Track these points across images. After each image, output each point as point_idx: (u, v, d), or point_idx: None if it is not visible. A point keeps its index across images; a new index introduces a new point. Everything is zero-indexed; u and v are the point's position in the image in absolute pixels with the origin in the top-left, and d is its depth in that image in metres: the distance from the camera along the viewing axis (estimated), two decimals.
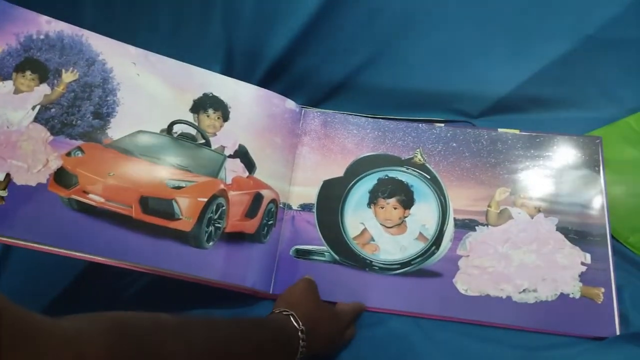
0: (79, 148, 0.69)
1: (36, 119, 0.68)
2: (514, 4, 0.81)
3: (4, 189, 0.64)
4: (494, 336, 0.68)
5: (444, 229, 0.76)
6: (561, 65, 0.84)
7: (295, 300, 0.63)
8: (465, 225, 0.76)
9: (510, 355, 0.66)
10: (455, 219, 0.76)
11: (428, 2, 0.82)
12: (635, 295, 0.70)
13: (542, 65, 0.85)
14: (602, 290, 0.69)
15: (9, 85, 0.68)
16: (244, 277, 0.71)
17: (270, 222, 0.77)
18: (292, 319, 0.58)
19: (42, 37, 0.70)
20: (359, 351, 0.68)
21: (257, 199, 0.76)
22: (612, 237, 0.74)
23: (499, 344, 0.67)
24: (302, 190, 0.81)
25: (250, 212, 0.75)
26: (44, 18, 0.71)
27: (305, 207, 0.79)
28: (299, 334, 0.57)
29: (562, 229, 0.74)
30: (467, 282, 0.72)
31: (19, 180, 0.65)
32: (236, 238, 0.73)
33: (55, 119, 0.69)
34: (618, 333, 0.67)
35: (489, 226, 0.75)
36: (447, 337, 0.69)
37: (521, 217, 0.74)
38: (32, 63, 0.69)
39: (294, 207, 0.79)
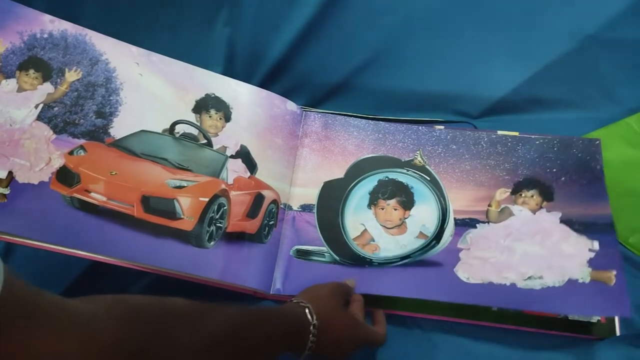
0: (82, 147, 0.69)
1: (39, 118, 0.68)
2: (514, 5, 0.81)
3: (6, 187, 0.64)
4: (494, 336, 0.68)
5: (444, 226, 0.76)
6: (561, 65, 0.84)
7: (317, 296, 0.63)
8: (466, 224, 0.76)
9: (510, 355, 0.67)
10: (455, 219, 0.76)
11: (428, 3, 0.83)
12: (636, 295, 0.70)
13: (542, 65, 0.85)
14: (614, 272, 0.68)
15: (12, 83, 0.69)
16: (244, 277, 0.71)
17: (271, 223, 0.77)
18: (307, 311, 0.58)
19: (45, 36, 0.71)
20: (357, 351, 0.67)
21: (259, 199, 0.77)
22: None
23: (499, 344, 0.67)
24: (303, 191, 0.81)
25: (252, 212, 0.76)
26: (48, 17, 0.71)
27: (305, 208, 0.80)
28: (311, 327, 0.57)
29: (567, 222, 0.73)
30: (468, 271, 0.71)
31: (21, 178, 0.65)
32: (237, 238, 0.73)
33: (58, 118, 0.69)
34: (618, 333, 0.67)
35: (490, 223, 0.75)
36: (447, 337, 0.69)
37: (523, 213, 0.74)
38: (36, 62, 0.70)
39: (295, 207, 0.80)
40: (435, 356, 0.67)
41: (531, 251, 0.71)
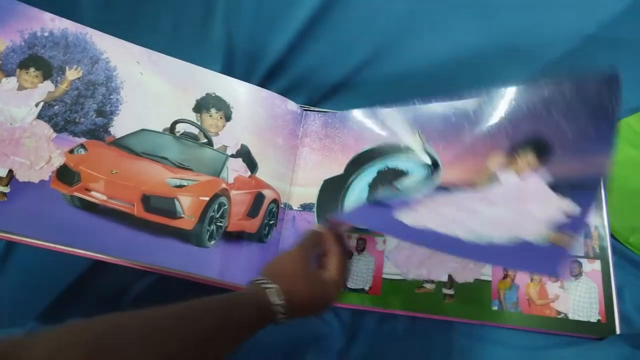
0: (82, 145, 0.69)
1: (39, 116, 0.68)
2: (514, 4, 0.81)
3: (6, 185, 0.64)
4: (494, 336, 0.69)
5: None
6: (561, 65, 0.85)
7: (281, 269, 0.59)
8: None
9: (510, 355, 0.67)
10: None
11: (428, 2, 0.83)
12: (635, 295, 0.70)
13: (542, 64, 0.85)
14: (572, 235, 0.60)
15: (12, 81, 0.68)
16: (243, 276, 0.71)
17: (271, 222, 0.77)
18: (274, 291, 0.55)
19: (46, 34, 0.70)
20: (358, 351, 0.68)
21: (259, 198, 0.77)
22: (612, 237, 0.74)
23: (498, 344, 0.68)
24: (303, 190, 0.81)
25: (252, 212, 0.76)
26: (48, 15, 0.71)
27: (305, 207, 0.80)
28: (279, 308, 0.54)
29: (555, 185, 0.65)
30: (411, 216, 0.66)
31: (21, 177, 0.65)
32: (237, 237, 0.73)
33: (59, 116, 0.69)
34: (618, 332, 0.67)
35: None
36: (447, 337, 0.69)
37: (509, 179, 0.68)
38: (36, 60, 0.70)
39: (295, 207, 0.80)
40: (435, 356, 0.67)
41: (494, 214, 0.66)
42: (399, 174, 0.79)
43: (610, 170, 0.65)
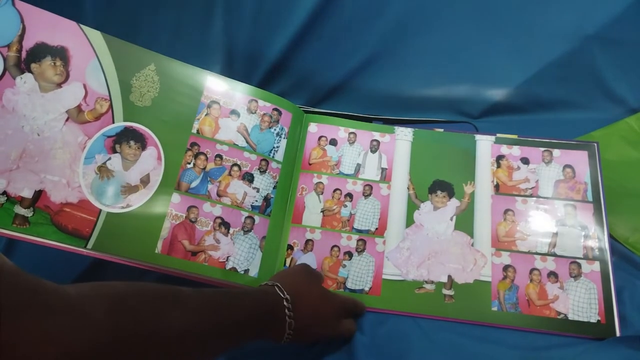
0: None
1: None
2: (514, 4, 0.82)
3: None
4: (493, 336, 0.68)
5: None
6: (561, 65, 0.85)
7: (285, 274, 0.65)
8: None
9: (510, 355, 0.66)
10: None
11: (428, 3, 0.83)
12: (635, 295, 0.70)
13: (542, 65, 0.86)
14: None
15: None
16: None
17: None
18: (277, 288, 0.59)
19: None
20: (359, 351, 0.67)
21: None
22: (612, 237, 0.74)
23: (498, 344, 0.67)
24: None
25: None
26: None
27: None
28: (284, 302, 0.58)
29: None
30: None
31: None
32: None
33: None
34: (618, 333, 0.67)
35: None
36: (447, 337, 0.68)
37: None
38: None
39: None
40: (435, 356, 0.67)
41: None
42: None
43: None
